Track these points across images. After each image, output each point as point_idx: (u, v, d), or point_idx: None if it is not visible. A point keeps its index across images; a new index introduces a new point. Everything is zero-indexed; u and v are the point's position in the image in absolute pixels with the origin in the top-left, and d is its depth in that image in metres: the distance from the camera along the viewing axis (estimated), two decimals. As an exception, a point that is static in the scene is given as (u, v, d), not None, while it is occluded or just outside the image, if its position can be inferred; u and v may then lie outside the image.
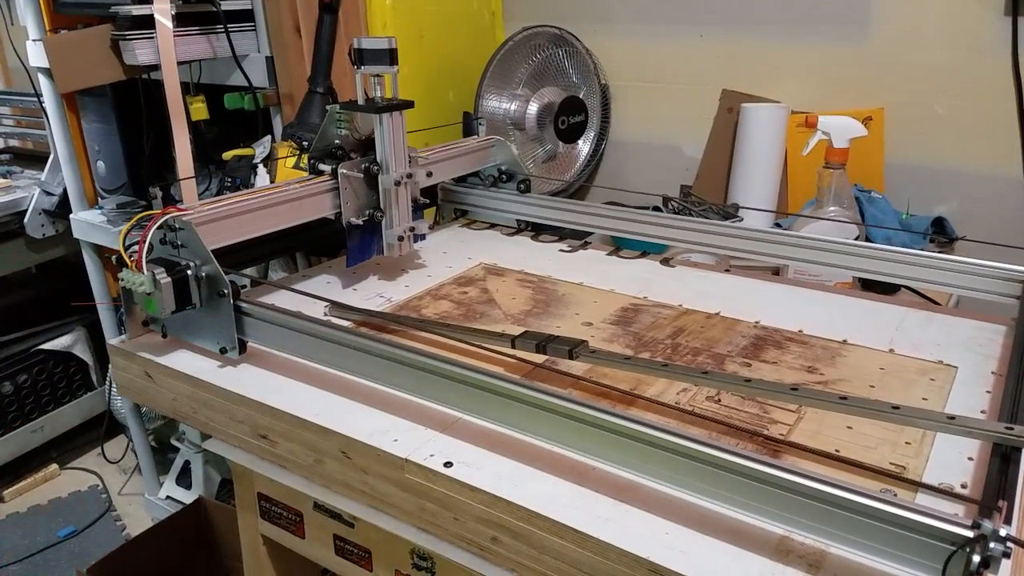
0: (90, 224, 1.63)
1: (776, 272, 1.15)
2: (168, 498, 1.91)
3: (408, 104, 0.99)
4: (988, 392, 0.75)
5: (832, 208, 1.18)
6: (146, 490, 1.96)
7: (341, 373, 0.75)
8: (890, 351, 0.84)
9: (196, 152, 1.27)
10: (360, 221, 1.00)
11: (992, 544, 0.44)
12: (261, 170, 1.40)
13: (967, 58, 1.37)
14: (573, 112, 1.70)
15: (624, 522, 0.58)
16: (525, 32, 1.68)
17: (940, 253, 0.94)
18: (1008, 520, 0.49)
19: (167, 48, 1.19)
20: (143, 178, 1.60)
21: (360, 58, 0.95)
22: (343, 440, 0.70)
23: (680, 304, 0.96)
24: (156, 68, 1.33)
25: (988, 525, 0.45)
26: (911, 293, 1.06)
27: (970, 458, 0.64)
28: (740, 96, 1.56)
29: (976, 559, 0.45)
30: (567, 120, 1.70)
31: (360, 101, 0.98)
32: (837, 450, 0.65)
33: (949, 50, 1.38)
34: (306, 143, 1.23)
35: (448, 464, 0.65)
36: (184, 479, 1.90)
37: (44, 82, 1.55)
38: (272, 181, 1.36)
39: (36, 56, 1.50)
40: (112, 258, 1.73)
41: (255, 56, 1.43)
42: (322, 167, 1.01)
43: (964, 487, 0.61)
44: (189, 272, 0.80)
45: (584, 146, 1.74)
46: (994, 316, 0.91)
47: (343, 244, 1.02)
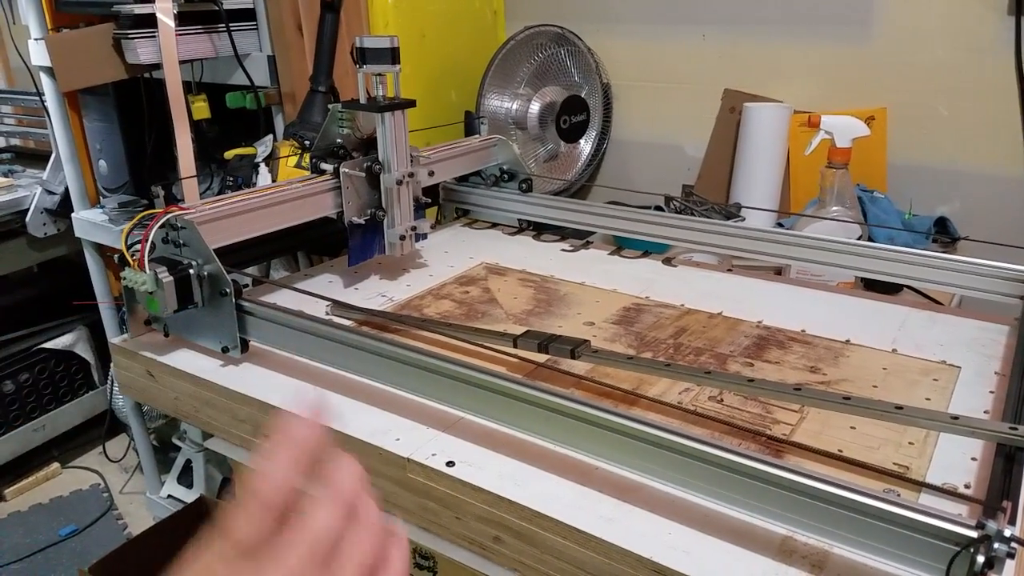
0: (92, 223, 1.63)
1: (778, 272, 1.15)
2: (169, 497, 1.91)
3: (410, 103, 0.99)
4: (991, 392, 0.75)
5: (835, 208, 1.18)
6: (147, 489, 1.96)
7: (343, 372, 0.75)
8: (893, 351, 0.83)
9: (198, 151, 1.27)
10: (362, 220, 1.00)
11: (996, 544, 0.44)
12: (263, 169, 1.40)
13: (970, 58, 1.37)
14: (575, 111, 1.70)
15: (627, 522, 0.58)
16: (527, 31, 1.68)
17: (943, 253, 0.93)
18: (1012, 520, 0.49)
19: (169, 47, 1.19)
20: (145, 177, 1.60)
21: (362, 57, 0.95)
22: (345, 439, 0.70)
23: (682, 304, 0.96)
24: (158, 67, 1.33)
25: (992, 525, 0.45)
26: (914, 293, 1.06)
27: (973, 458, 0.64)
28: (742, 96, 1.56)
29: (980, 559, 0.44)
30: (569, 119, 1.70)
31: (362, 100, 0.98)
32: (840, 450, 0.65)
33: (952, 50, 1.38)
34: (308, 142, 1.23)
35: (450, 463, 0.65)
36: (185, 478, 1.90)
37: (46, 81, 1.55)
38: (274, 180, 1.36)
39: (38, 55, 1.50)
40: (114, 257, 1.73)
41: (257, 55, 1.43)
42: (324, 166, 1.01)
43: (968, 487, 0.61)
44: (191, 271, 0.80)
45: (586, 145, 1.74)
46: (997, 316, 0.90)
47: (345, 243, 1.02)
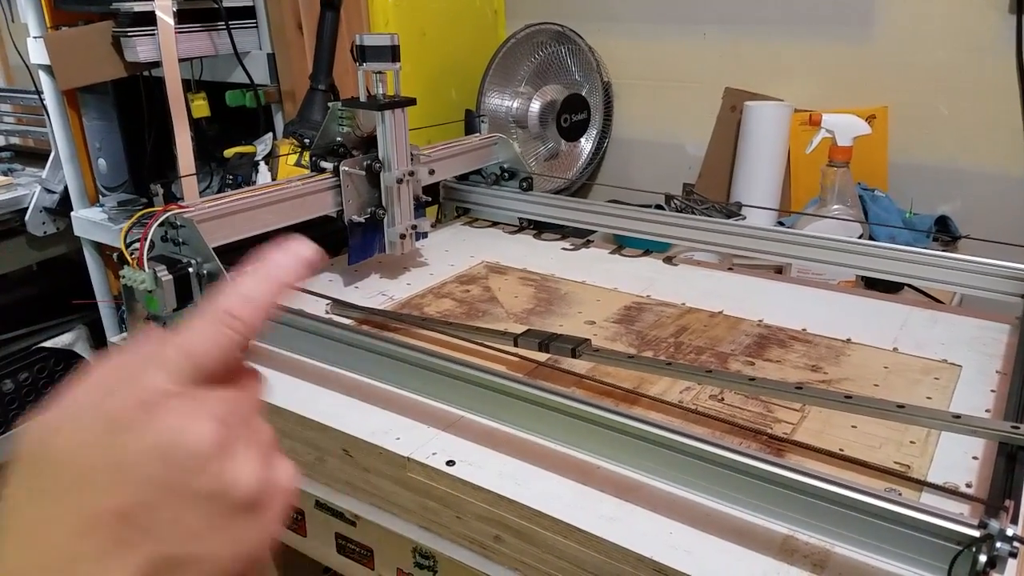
0: (91, 222, 1.63)
1: (779, 271, 1.15)
2: (169, 496, 1.90)
3: (410, 101, 0.99)
4: (993, 391, 0.75)
5: (835, 206, 1.18)
6: (147, 488, 1.96)
7: (343, 371, 0.75)
8: (894, 350, 0.83)
9: (197, 149, 1.27)
10: (362, 219, 1.00)
11: (998, 544, 0.44)
12: (262, 167, 1.40)
13: (971, 57, 1.37)
14: (575, 110, 1.70)
15: (628, 521, 0.58)
16: (527, 29, 1.68)
17: (944, 252, 0.93)
18: (1015, 520, 0.49)
19: (168, 45, 1.19)
20: (144, 175, 1.60)
21: (362, 55, 0.95)
22: (345, 438, 0.70)
23: (683, 303, 0.96)
24: (157, 65, 1.32)
25: (995, 524, 0.44)
26: (915, 292, 1.06)
27: (975, 457, 0.64)
28: (743, 94, 1.56)
29: (983, 559, 0.44)
30: (569, 118, 1.69)
31: (362, 98, 0.97)
32: (841, 449, 0.65)
33: (953, 49, 1.38)
34: (308, 140, 1.22)
35: (451, 463, 0.64)
36: (185, 477, 1.90)
37: (45, 79, 1.55)
38: (273, 179, 1.35)
39: (37, 53, 1.50)
40: (113, 256, 1.73)
41: (256, 53, 1.43)
42: (324, 164, 1.00)
43: (969, 486, 0.60)
44: (190, 270, 0.80)
45: (586, 144, 1.74)
46: (998, 315, 0.90)
47: (345, 242, 1.02)
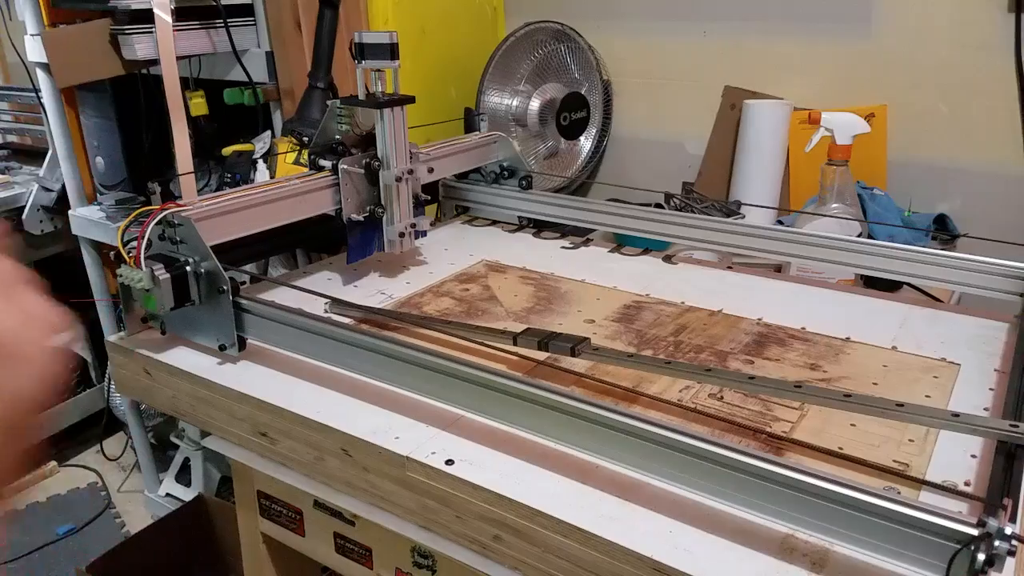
0: (89, 220, 1.62)
1: (778, 269, 1.15)
2: (168, 495, 1.90)
3: (409, 99, 0.99)
4: (991, 389, 0.75)
5: (835, 205, 1.18)
6: (145, 487, 1.96)
7: (342, 370, 0.75)
8: (893, 348, 0.83)
9: (195, 148, 1.26)
10: (361, 217, 1.00)
11: (997, 542, 0.44)
12: (261, 166, 1.40)
13: (970, 55, 1.36)
14: (575, 108, 1.69)
15: (628, 521, 0.58)
16: (527, 28, 1.67)
17: (943, 250, 0.93)
18: (1013, 518, 0.49)
19: (166, 43, 1.18)
20: (142, 174, 1.59)
21: (361, 53, 0.95)
22: (344, 438, 0.70)
23: (682, 301, 0.96)
24: (155, 63, 1.32)
25: (993, 523, 0.44)
26: (914, 290, 1.06)
27: (974, 455, 0.64)
28: (743, 93, 1.56)
29: (981, 557, 0.44)
30: (569, 116, 1.69)
31: (361, 96, 0.97)
32: (840, 448, 0.65)
33: (952, 47, 1.38)
34: (306, 139, 1.22)
35: (450, 462, 0.64)
36: (184, 476, 1.90)
37: (42, 77, 1.55)
38: (272, 177, 1.35)
39: (34, 51, 1.49)
40: (111, 254, 1.72)
41: (255, 51, 1.43)
42: (322, 163, 1.00)
43: (968, 485, 0.61)
44: (188, 268, 0.80)
45: (586, 142, 1.74)
46: (997, 313, 0.90)
47: (344, 240, 1.01)
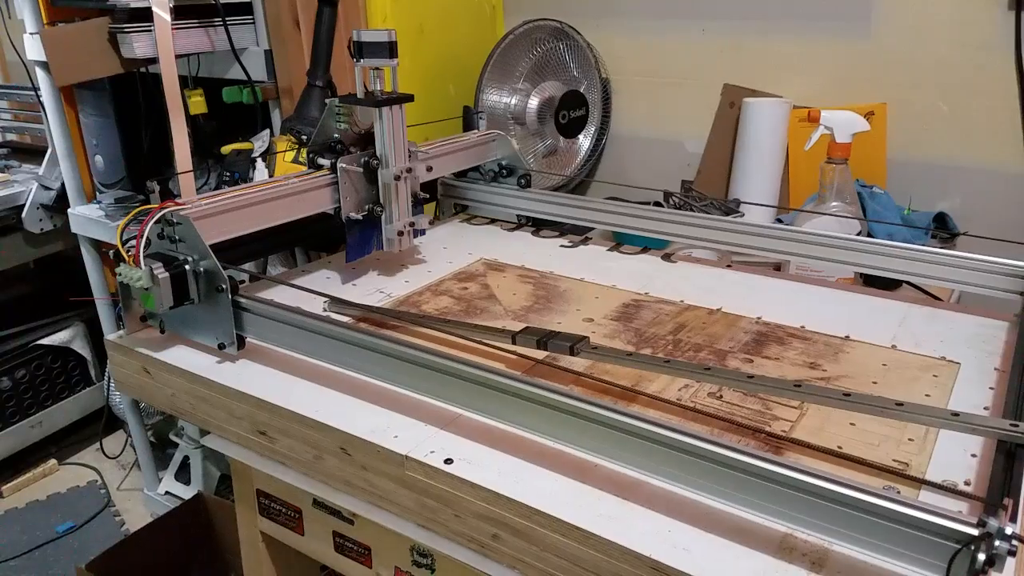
0: (88, 219, 1.62)
1: (778, 268, 1.14)
2: (167, 493, 1.90)
3: (408, 97, 0.99)
4: (991, 388, 0.75)
5: (834, 203, 1.18)
6: (145, 486, 1.96)
7: (340, 369, 0.75)
8: (892, 347, 0.83)
9: (194, 146, 1.26)
10: (359, 216, 1.00)
11: (997, 542, 0.44)
12: (260, 164, 1.40)
13: (970, 53, 1.36)
14: (574, 106, 1.69)
15: (626, 519, 0.58)
16: (526, 26, 1.67)
17: (942, 249, 0.93)
18: (1013, 518, 0.48)
19: (165, 41, 1.18)
20: (141, 172, 1.59)
21: (359, 51, 0.94)
22: (343, 437, 0.70)
23: (681, 300, 0.96)
24: (154, 61, 1.32)
25: (993, 523, 0.44)
26: (913, 289, 1.06)
27: (974, 455, 0.64)
28: (742, 91, 1.56)
29: (981, 557, 0.44)
30: (568, 114, 1.69)
31: (359, 94, 0.97)
32: (840, 447, 0.65)
33: (952, 45, 1.38)
34: (305, 137, 1.22)
35: (449, 461, 0.64)
36: (183, 475, 1.90)
37: (41, 76, 1.54)
38: (271, 175, 1.35)
39: (33, 49, 1.49)
40: (110, 253, 1.72)
41: (254, 49, 1.42)
42: (321, 161, 1.00)
43: (968, 484, 0.60)
44: (187, 267, 0.79)
45: (585, 141, 1.74)
46: (997, 312, 0.90)
47: (342, 239, 1.01)
